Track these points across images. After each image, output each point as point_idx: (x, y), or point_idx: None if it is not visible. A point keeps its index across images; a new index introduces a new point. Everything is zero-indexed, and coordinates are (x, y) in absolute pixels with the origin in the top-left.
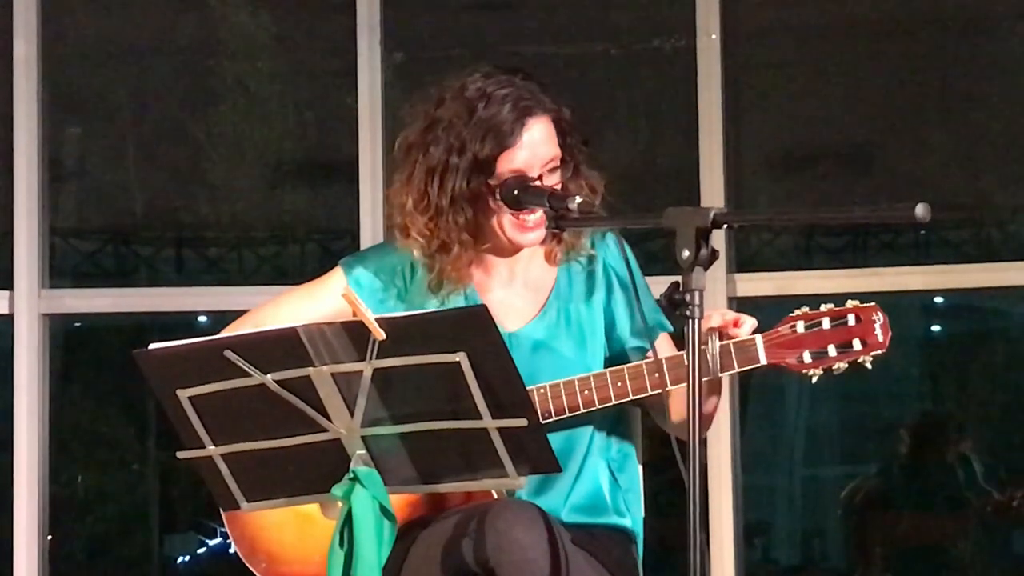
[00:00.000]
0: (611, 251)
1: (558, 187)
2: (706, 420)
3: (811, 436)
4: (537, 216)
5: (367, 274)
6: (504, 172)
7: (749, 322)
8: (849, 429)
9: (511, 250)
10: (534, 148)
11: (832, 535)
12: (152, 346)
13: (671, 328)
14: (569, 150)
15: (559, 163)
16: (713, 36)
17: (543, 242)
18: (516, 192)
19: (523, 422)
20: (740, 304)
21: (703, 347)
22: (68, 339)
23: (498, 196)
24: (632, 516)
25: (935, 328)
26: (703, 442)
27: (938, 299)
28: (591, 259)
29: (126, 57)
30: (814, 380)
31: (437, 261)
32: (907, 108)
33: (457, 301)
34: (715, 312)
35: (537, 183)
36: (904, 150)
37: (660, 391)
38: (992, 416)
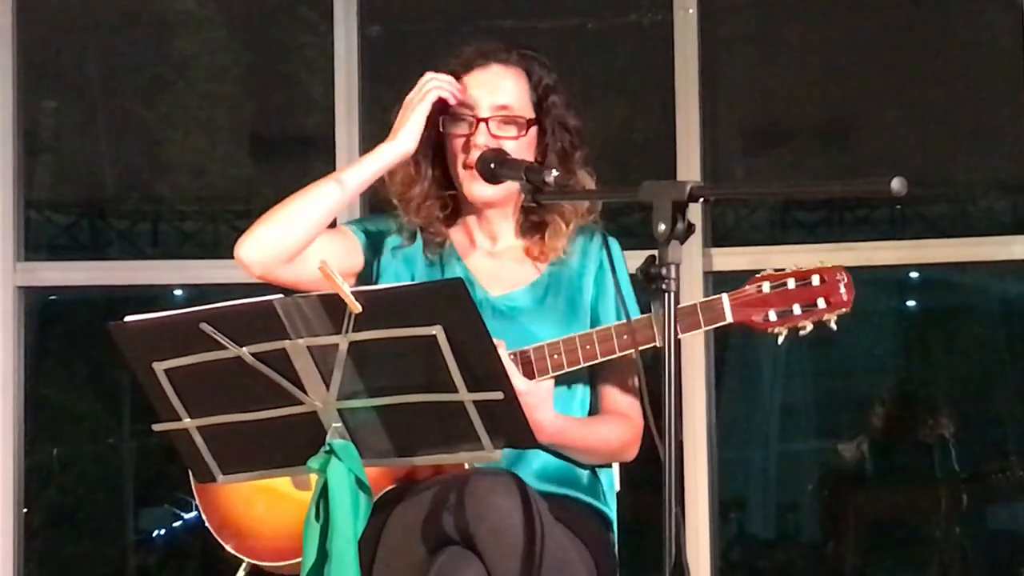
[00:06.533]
0: (612, 249)
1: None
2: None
3: (786, 411)
4: (474, 155)
5: (371, 228)
6: (455, 105)
7: None
8: (824, 404)
9: (479, 211)
10: (485, 86)
11: (807, 510)
12: (128, 319)
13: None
14: (542, 116)
15: (517, 118)
16: (690, 11)
17: (523, 235)
18: (492, 165)
19: (499, 395)
20: (715, 278)
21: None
22: (43, 312)
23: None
24: (608, 506)
25: (910, 303)
26: (678, 417)
27: (913, 274)
28: (585, 248)
29: (101, 30)
30: (780, 340)
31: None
32: (883, 83)
33: (450, 268)
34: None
35: (513, 157)
36: (880, 125)
37: (630, 351)
38: (966, 391)
